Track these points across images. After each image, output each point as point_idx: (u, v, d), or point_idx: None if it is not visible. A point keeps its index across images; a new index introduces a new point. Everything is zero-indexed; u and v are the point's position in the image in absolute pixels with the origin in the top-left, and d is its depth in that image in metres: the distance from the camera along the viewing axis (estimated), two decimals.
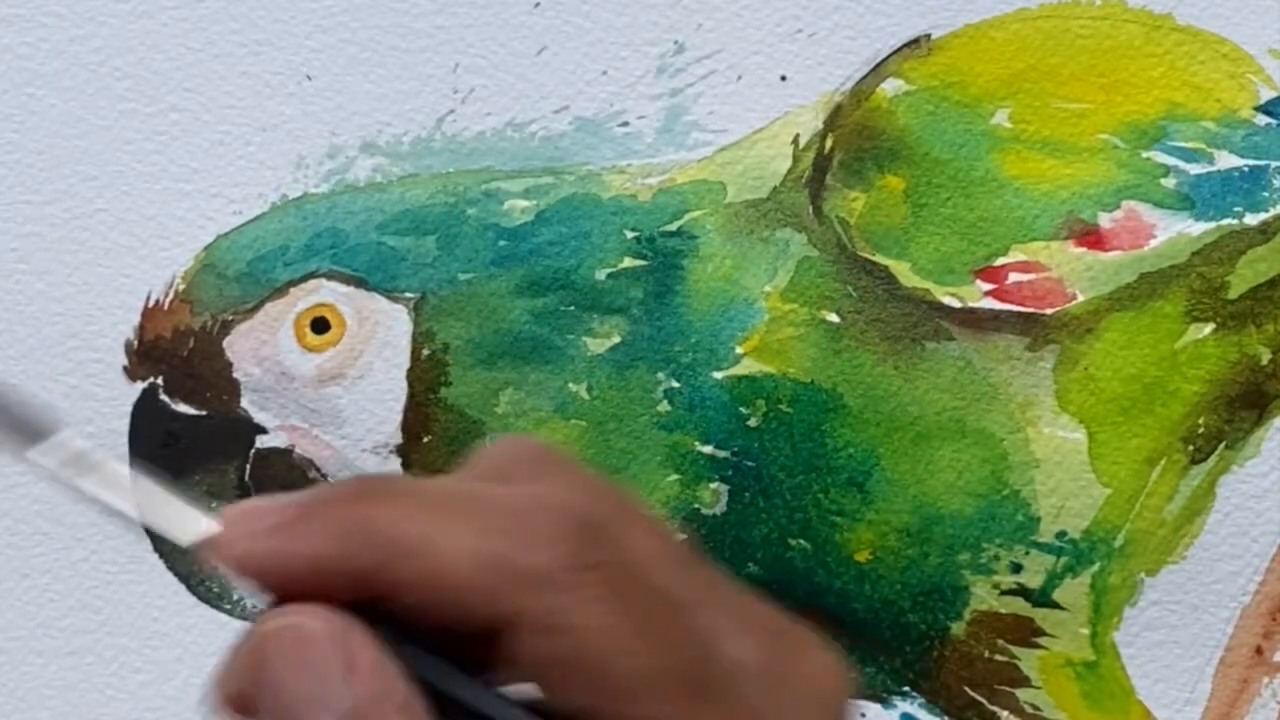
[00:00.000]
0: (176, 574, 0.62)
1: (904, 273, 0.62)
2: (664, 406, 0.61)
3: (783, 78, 0.62)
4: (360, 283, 0.61)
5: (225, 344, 0.61)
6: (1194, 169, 0.62)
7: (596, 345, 0.62)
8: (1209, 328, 0.62)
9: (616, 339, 0.62)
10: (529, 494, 0.45)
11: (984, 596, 0.62)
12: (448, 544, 0.42)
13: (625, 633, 0.44)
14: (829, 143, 0.62)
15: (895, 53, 0.62)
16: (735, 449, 0.61)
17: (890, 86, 0.62)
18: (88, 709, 0.62)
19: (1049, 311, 0.62)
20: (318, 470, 0.61)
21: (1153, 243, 0.62)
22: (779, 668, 0.49)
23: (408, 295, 0.61)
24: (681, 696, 0.45)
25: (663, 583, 0.46)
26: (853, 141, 0.62)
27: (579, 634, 0.44)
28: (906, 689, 0.62)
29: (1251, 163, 0.62)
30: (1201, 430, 0.62)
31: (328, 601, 0.42)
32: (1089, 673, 0.62)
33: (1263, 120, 0.62)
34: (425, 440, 0.61)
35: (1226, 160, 0.62)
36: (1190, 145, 0.62)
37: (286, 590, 0.42)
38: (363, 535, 0.42)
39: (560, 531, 0.43)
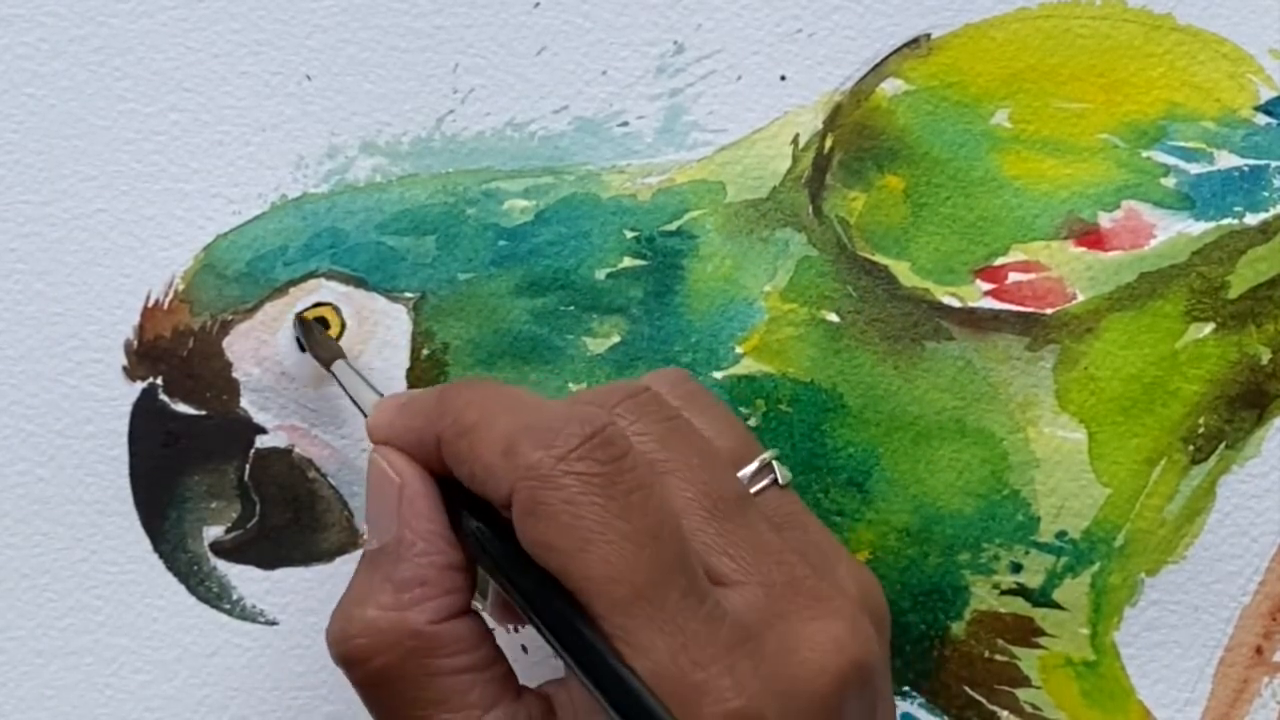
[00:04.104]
0: (176, 574, 0.62)
1: (904, 272, 0.62)
2: None
3: (782, 78, 0.62)
4: (360, 283, 0.61)
5: (225, 344, 0.61)
6: (1194, 169, 0.62)
7: (596, 345, 0.62)
8: (1209, 327, 0.62)
9: (616, 339, 0.62)
10: (573, 402, 0.50)
11: (984, 596, 0.62)
12: (488, 431, 0.50)
13: (594, 535, 0.48)
14: (829, 143, 0.62)
15: (895, 53, 0.62)
16: None
17: (890, 86, 0.62)
18: (88, 709, 0.62)
19: (1049, 311, 0.62)
20: (317, 470, 0.61)
21: (1153, 242, 0.62)
22: (775, 625, 0.49)
23: (407, 295, 0.61)
24: (632, 610, 0.48)
25: (671, 516, 0.49)
26: (852, 141, 0.62)
27: (552, 523, 0.49)
28: (906, 689, 0.62)
29: (1251, 162, 0.62)
30: (1201, 430, 0.62)
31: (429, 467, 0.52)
32: (1089, 672, 0.62)
33: (1263, 120, 0.62)
34: None
35: (1226, 160, 0.62)
36: (1190, 145, 0.62)
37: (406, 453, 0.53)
38: (438, 417, 0.51)
39: (569, 435, 0.49)
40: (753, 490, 0.53)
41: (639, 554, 0.48)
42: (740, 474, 0.53)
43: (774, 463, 0.54)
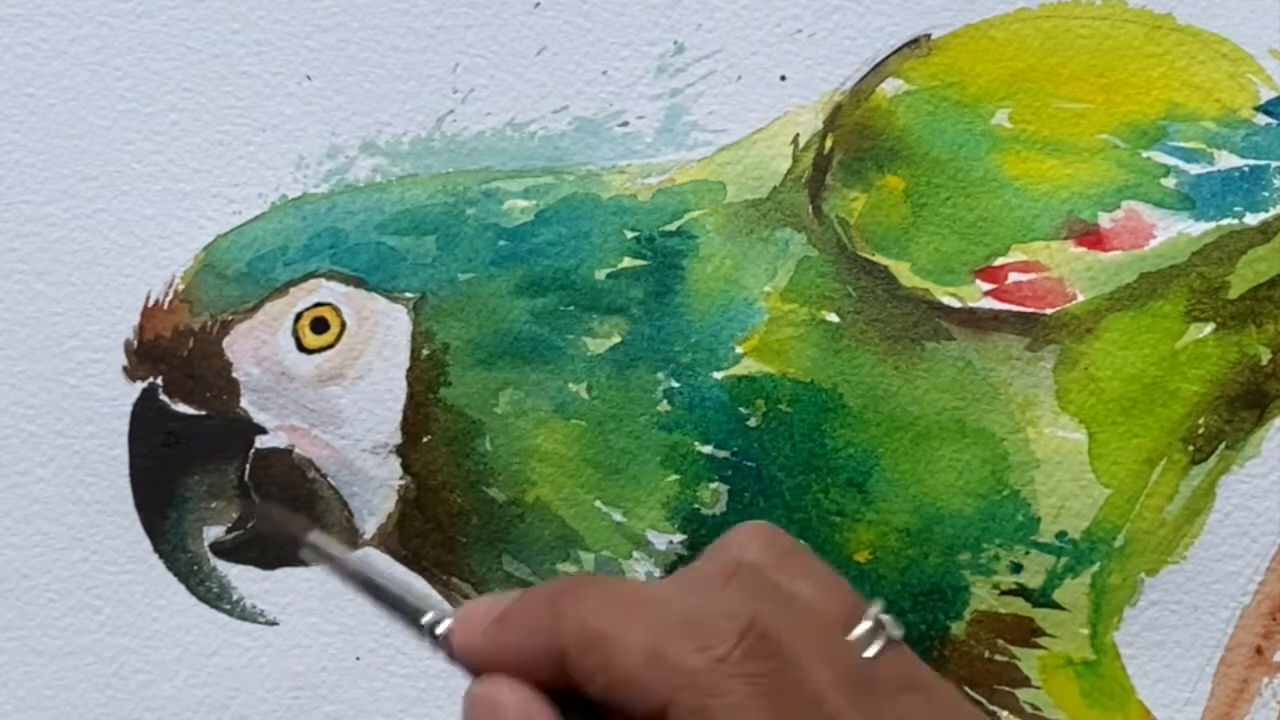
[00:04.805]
0: (176, 574, 0.62)
1: (904, 273, 0.62)
2: (664, 406, 0.61)
3: (783, 78, 0.62)
4: (360, 283, 0.61)
5: (225, 344, 0.61)
6: (1194, 169, 0.62)
7: (596, 345, 0.62)
8: (1209, 328, 0.62)
9: (616, 339, 0.62)
10: (707, 599, 0.48)
11: (984, 596, 0.62)
12: (625, 639, 0.47)
13: None
14: (829, 143, 0.62)
15: (895, 53, 0.62)
16: (735, 449, 0.61)
17: (890, 86, 0.62)
18: (88, 709, 0.62)
19: (1049, 311, 0.62)
20: (317, 470, 0.61)
21: (1153, 243, 0.62)
22: None
23: (407, 295, 0.61)
24: None
25: (829, 709, 0.47)
26: (853, 141, 0.62)
27: None
28: None
29: (1251, 162, 0.62)
30: (1201, 430, 0.62)
31: (529, 681, 0.48)
32: (1089, 672, 0.62)
33: (1263, 120, 0.62)
34: (425, 440, 0.61)
35: (1226, 160, 0.62)
36: (1190, 145, 0.62)
37: (501, 672, 0.48)
38: (556, 629, 0.47)
39: (721, 636, 0.46)
40: (871, 653, 0.51)
41: None
42: (852, 638, 0.50)
43: (882, 618, 0.52)
